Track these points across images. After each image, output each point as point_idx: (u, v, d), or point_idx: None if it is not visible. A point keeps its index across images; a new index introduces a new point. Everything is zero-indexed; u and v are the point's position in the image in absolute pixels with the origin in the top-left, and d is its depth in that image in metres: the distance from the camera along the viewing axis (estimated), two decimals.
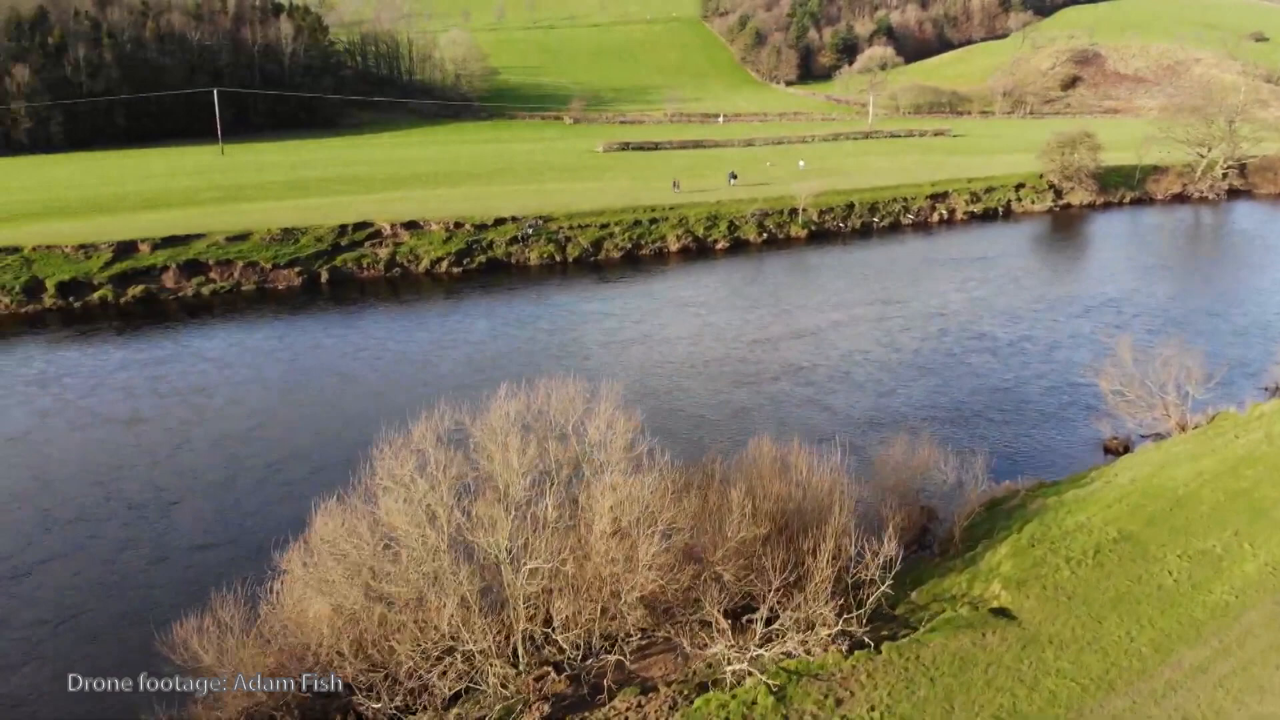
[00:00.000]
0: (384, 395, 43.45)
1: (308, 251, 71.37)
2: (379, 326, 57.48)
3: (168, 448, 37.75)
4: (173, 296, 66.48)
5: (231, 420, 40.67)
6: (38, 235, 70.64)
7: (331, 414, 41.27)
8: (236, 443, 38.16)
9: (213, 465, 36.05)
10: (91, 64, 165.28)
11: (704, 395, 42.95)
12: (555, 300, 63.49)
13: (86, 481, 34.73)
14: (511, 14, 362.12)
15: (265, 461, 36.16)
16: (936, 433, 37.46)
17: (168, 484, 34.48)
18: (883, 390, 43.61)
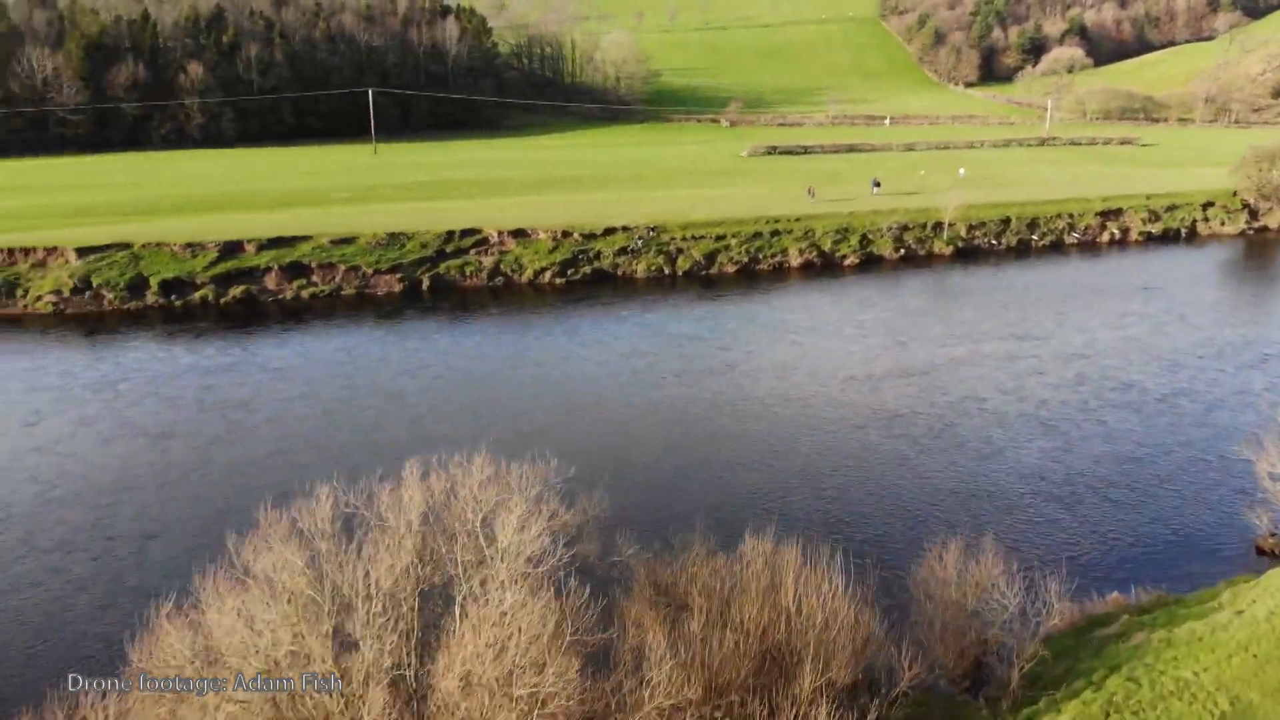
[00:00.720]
0: (420, 423, 40.00)
1: (411, 257, 69.48)
2: (452, 341, 54.42)
3: (180, 470, 35.43)
4: (272, 298, 65.83)
5: (258, 442, 38.13)
6: (157, 232, 71.69)
7: (358, 444, 38.04)
8: (253, 470, 35.47)
9: (213, 496, 33.37)
10: (263, 62, 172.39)
11: (761, 449, 37.20)
12: (647, 318, 58.86)
13: (81, 505, 32.68)
14: (684, 15, 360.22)
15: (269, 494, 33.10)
16: (1037, 514, 30.69)
17: (159, 515, 31.96)
18: (988, 450, 36.73)
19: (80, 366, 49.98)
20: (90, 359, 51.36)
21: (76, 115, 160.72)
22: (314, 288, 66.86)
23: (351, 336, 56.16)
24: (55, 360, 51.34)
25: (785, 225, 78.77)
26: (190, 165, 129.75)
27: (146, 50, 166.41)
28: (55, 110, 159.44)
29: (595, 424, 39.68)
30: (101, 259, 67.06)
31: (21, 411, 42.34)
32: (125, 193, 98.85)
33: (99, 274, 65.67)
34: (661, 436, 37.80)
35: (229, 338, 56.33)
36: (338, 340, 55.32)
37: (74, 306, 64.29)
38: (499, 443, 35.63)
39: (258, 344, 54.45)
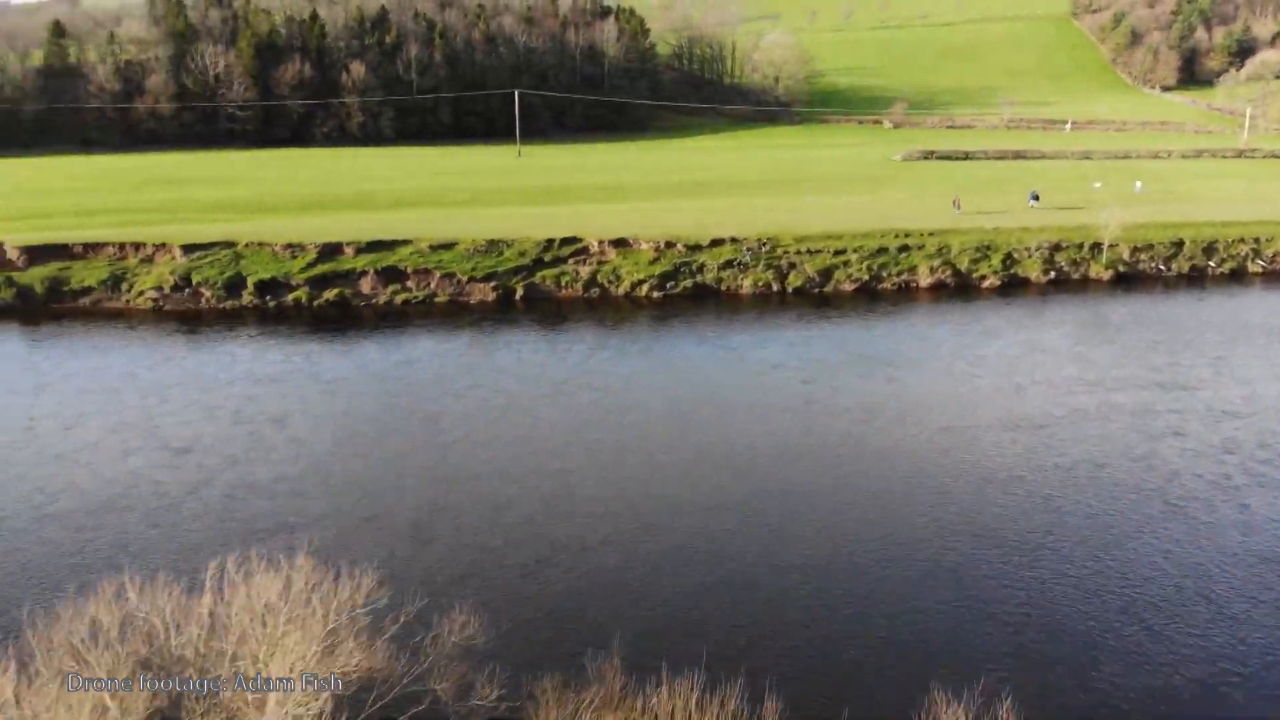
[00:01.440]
0: (443, 456, 36.52)
1: (508, 265, 66.76)
2: (515, 358, 50.81)
3: (177, 494, 33.21)
4: (366, 303, 64.47)
5: (270, 465, 35.59)
6: (274, 230, 71.81)
7: (369, 479, 34.87)
8: (249, 496, 32.87)
9: (190, 530, 30.84)
10: (422, 63, 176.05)
11: (790, 524, 31.66)
12: (732, 340, 53.69)
13: (61, 525, 30.83)
14: (860, 14, 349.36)
15: (239, 533, 30.37)
16: (1128, 638, 24.14)
17: (128, 545, 29.64)
18: (1095, 546, 29.72)
19: (149, 364, 49.47)
20: (156, 359, 50.83)
21: (245, 111, 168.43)
22: (408, 294, 65.08)
23: (419, 348, 53.62)
24: (123, 358, 51.12)
25: (917, 239, 71.68)
26: (335, 163, 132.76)
27: (313, 50, 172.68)
28: (225, 106, 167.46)
29: (620, 470, 35.15)
30: (204, 257, 67.47)
31: (67, 414, 41.65)
32: (266, 188, 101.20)
33: (199, 272, 66.02)
34: (675, 497, 32.77)
35: (302, 342, 54.91)
36: (405, 351, 52.88)
37: (173, 303, 64.80)
38: (515, 486, 32.31)
39: (325, 351, 52.67)
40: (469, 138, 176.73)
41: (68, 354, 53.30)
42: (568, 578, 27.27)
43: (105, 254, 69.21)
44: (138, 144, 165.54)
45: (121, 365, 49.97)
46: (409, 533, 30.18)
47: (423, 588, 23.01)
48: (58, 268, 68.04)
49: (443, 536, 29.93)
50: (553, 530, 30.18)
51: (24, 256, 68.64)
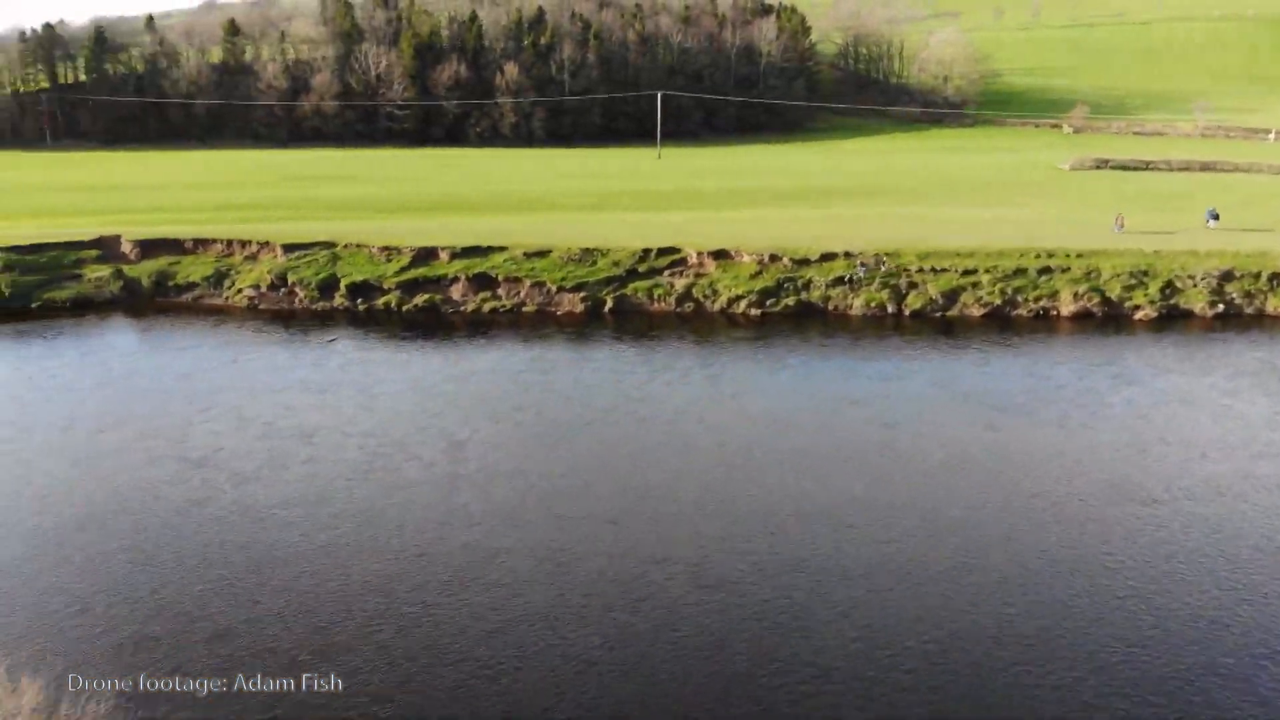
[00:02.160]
0: (447, 497, 33.13)
1: (600, 275, 63.27)
2: (573, 379, 46.97)
3: (178, 505, 31.18)
4: (455, 310, 62.38)
5: (267, 486, 33.18)
6: (394, 231, 71.03)
7: (335, 527, 31.89)
8: (208, 534, 30.48)
9: (130, 575, 28.59)
10: (575, 63, 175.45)
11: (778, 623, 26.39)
12: (815, 368, 48.21)
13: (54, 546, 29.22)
14: (1049, 11, 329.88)
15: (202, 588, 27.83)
16: None
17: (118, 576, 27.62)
18: (1211, 669, 23.45)
19: (213, 364, 48.62)
20: (224, 357, 50.01)
21: (403, 111, 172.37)
22: (497, 302, 62.56)
23: (480, 360, 50.66)
24: (191, 359, 50.52)
25: (1061, 260, 63.60)
26: (476, 164, 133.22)
27: (470, 50, 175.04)
28: (384, 105, 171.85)
29: (628, 524, 30.81)
30: (303, 257, 67.11)
31: (106, 415, 40.83)
32: (402, 188, 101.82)
33: (295, 272, 65.62)
34: (666, 570, 28.17)
35: (372, 349, 53.09)
36: (466, 364, 50.00)
37: (268, 302, 64.63)
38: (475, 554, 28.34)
39: (387, 361, 50.55)
40: (618, 139, 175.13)
41: (146, 349, 53.37)
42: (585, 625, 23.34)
43: (214, 250, 70.03)
44: (303, 140, 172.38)
45: (183, 364, 49.42)
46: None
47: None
48: (167, 262, 69.24)
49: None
50: (556, 591, 26.28)
51: (136, 250, 70.23)
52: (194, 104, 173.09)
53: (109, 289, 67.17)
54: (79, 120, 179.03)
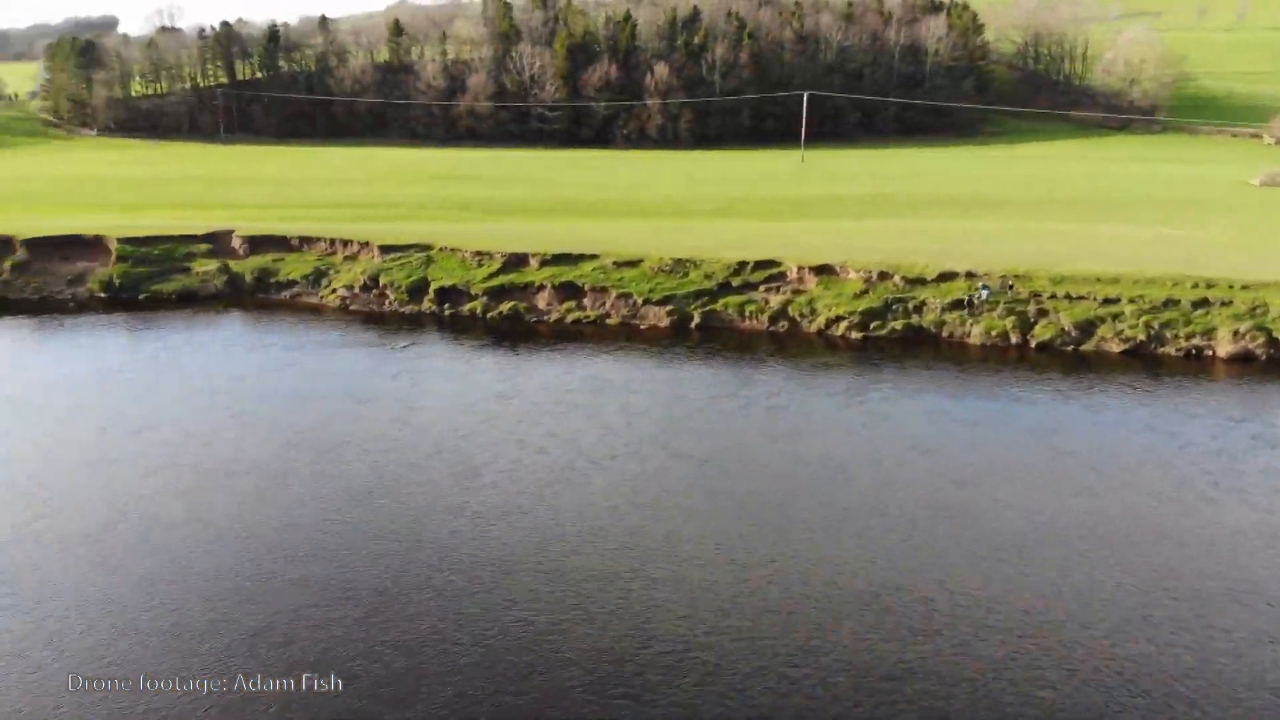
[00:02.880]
0: (416, 547, 29.90)
1: (689, 289, 59.07)
2: (625, 401, 42.97)
3: (179, 514, 29.33)
4: (538, 319, 59.59)
5: (269, 507, 30.87)
6: (474, 235, 69.42)
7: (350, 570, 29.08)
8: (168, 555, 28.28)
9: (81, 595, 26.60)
10: (726, 63, 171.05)
11: None
12: (905, 409, 41.97)
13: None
14: (1255, 12, 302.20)
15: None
16: None
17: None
18: None
19: (276, 359, 47.39)
20: (285, 359, 48.78)
21: (554, 112, 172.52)
22: (581, 312, 59.41)
23: (532, 374, 47.26)
24: (260, 359, 49.54)
25: (1223, 292, 54.81)
26: (613, 165, 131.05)
27: (622, 51, 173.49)
28: (535, 106, 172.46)
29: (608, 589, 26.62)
30: (397, 259, 65.94)
31: (139, 415, 39.94)
32: (530, 190, 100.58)
33: (388, 273, 64.49)
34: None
35: (435, 356, 50.78)
36: (520, 379, 46.71)
37: (359, 303, 63.76)
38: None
39: (441, 370, 48.05)
40: (766, 141, 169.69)
41: (221, 346, 52.96)
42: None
43: (317, 249, 69.94)
44: (458, 140, 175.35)
45: (239, 365, 48.50)
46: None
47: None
48: (272, 259, 69.62)
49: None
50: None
51: (245, 245, 70.98)
52: (357, 102, 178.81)
53: (214, 283, 68.06)
54: (253, 116, 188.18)
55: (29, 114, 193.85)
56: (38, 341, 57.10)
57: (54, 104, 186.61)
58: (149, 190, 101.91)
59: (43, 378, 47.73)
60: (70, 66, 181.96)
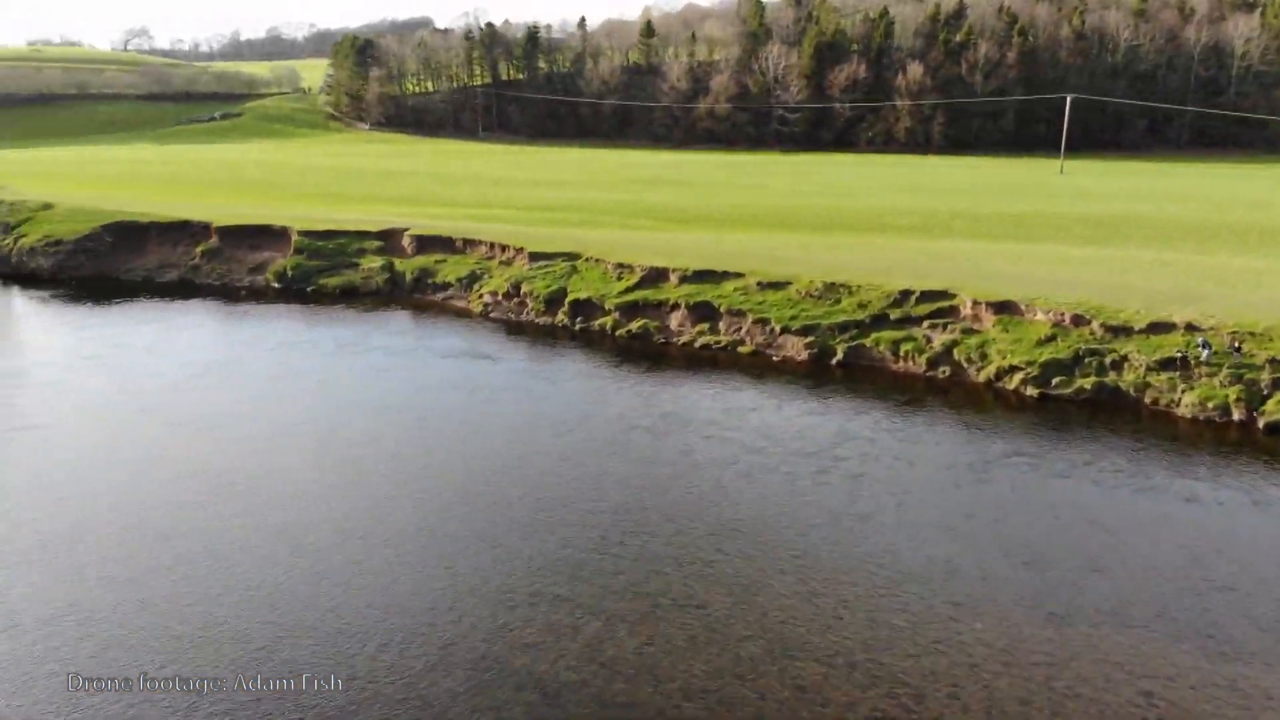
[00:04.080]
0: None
1: (836, 318, 51.20)
2: (685, 443, 36.29)
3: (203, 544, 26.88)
4: (666, 341, 54.08)
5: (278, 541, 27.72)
6: (623, 245, 64.91)
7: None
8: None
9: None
10: (990, 62, 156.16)
11: None
12: (1099, 511, 32.75)
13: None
14: None
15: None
16: None
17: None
18: None
19: (372, 367, 45.05)
20: (389, 361, 46.27)
21: (794, 114, 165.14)
22: (713, 336, 53.25)
23: (620, 393, 41.63)
24: (362, 359, 47.37)
25: None
26: (844, 172, 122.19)
27: (874, 49, 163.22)
28: (776, 107, 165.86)
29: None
30: (543, 266, 62.56)
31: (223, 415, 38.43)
32: (742, 198, 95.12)
33: (530, 282, 61.19)
34: None
35: (525, 370, 46.43)
36: (612, 407, 41.34)
37: (500, 310, 60.99)
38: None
39: (514, 387, 43.55)
40: (1032, 148, 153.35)
41: (346, 347, 51.57)
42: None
43: (478, 252, 68.06)
44: (696, 143, 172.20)
45: (345, 365, 46.52)
46: None
47: None
48: (434, 260, 68.51)
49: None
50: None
51: (414, 244, 70.42)
52: (602, 104, 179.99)
53: (375, 281, 67.97)
54: (510, 115, 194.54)
55: (315, 107, 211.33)
56: (181, 327, 58.39)
57: (335, 99, 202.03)
58: (378, 183, 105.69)
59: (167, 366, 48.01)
60: (349, 64, 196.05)
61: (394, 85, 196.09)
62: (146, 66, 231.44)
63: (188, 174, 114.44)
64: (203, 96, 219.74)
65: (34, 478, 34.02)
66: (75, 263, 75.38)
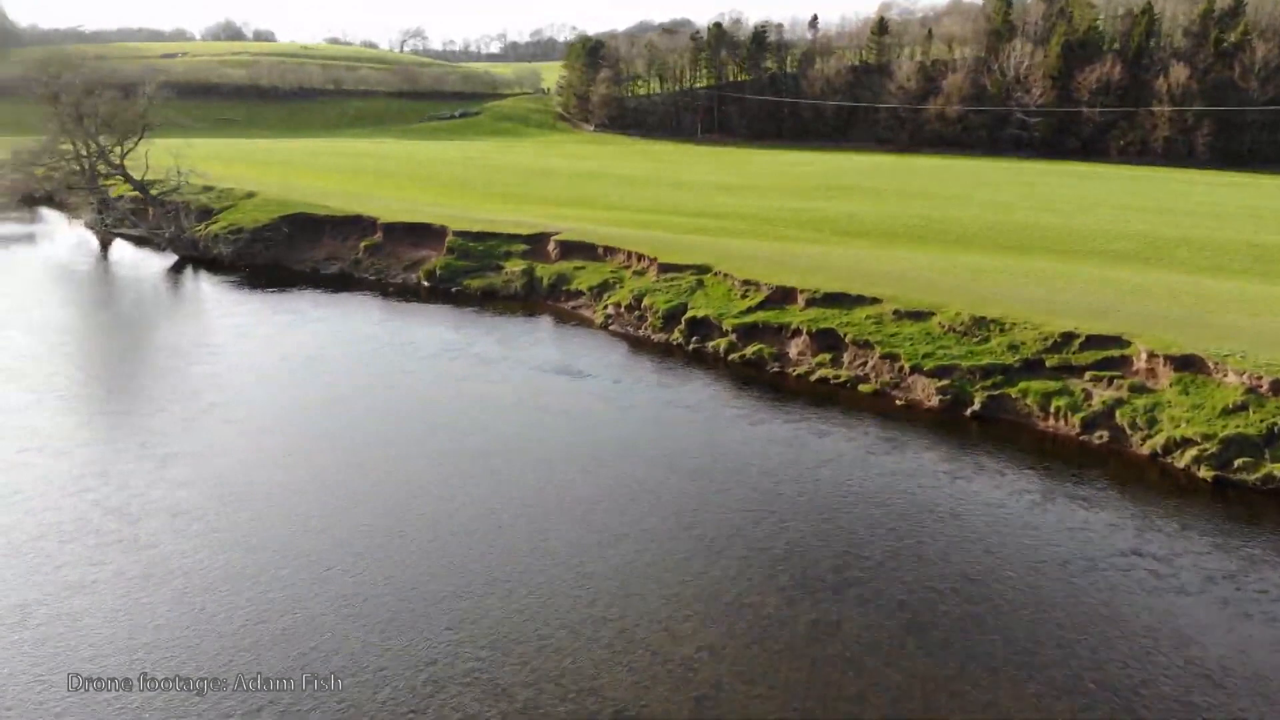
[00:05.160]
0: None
1: (980, 360, 43.23)
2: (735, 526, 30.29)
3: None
4: (780, 370, 48.03)
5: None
6: (756, 260, 58.99)
7: None
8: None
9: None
10: (1268, 67, 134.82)
11: None
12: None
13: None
14: None
15: None
16: None
17: None
18: None
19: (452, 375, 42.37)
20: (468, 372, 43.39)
21: (1034, 118, 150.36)
22: (833, 370, 46.66)
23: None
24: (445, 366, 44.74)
25: None
26: (1075, 186, 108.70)
27: (1132, 49, 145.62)
28: (1014, 111, 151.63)
29: None
30: (670, 279, 57.88)
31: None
32: (923, 207, 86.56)
33: (654, 295, 56.69)
34: None
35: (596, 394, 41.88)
36: (688, 460, 36.11)
37: (619, 323, 57.00)
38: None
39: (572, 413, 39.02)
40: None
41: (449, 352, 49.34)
42: None
43: (616, 260, 64.35)
44: (922, 146, 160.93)
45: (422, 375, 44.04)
46: None
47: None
48: (574, 266, 65.48)
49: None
50: None
51: (558, 250, 67.70)
52: (824, 105, 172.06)
53: (515, 285, 65.92)
54: (730, 117, 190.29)
55: (549, 108, 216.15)
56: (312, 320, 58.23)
57: (565, 100, 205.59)
58: (563, 185, 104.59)
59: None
60: (580, 65, 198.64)
61: (619, 87, 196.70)
62: (398, 65, 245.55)
63: (400, 169, 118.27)
64: (448, 95, 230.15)
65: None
66: (253, 251, 78.18)
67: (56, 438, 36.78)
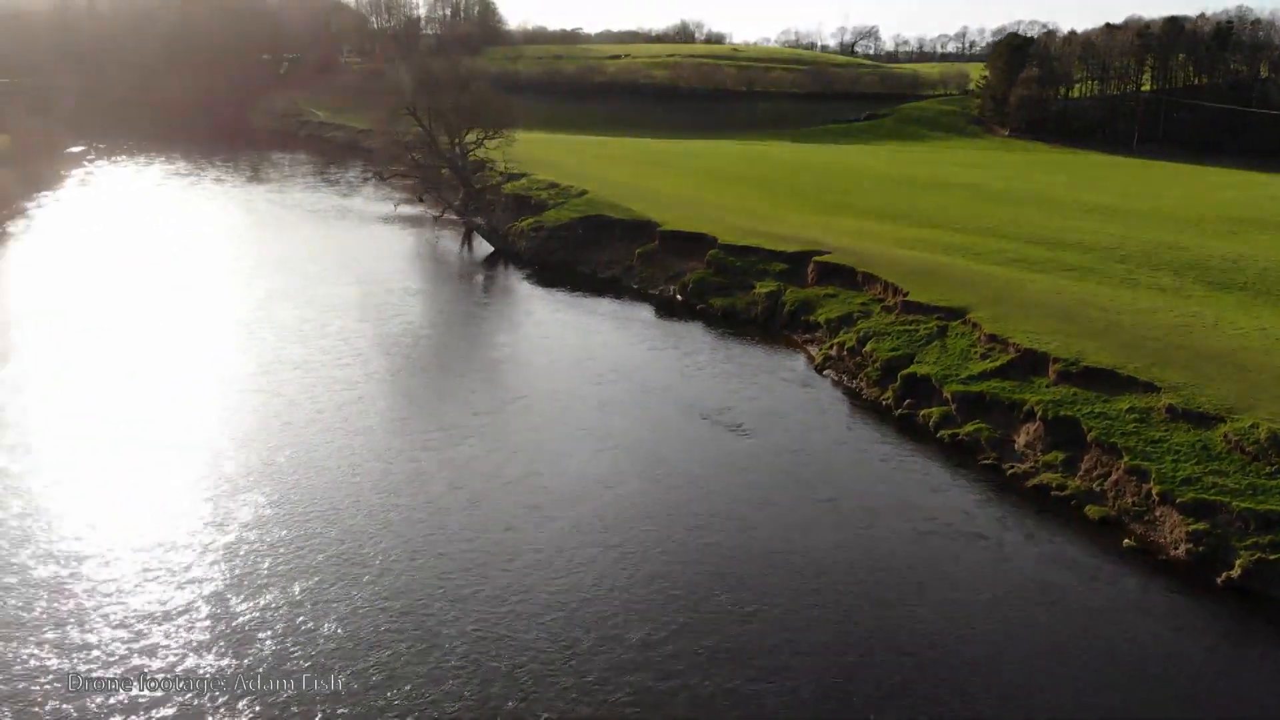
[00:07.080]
0: None
1: (1261, 503, 28.18)
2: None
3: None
4: (993, 463, 35.58)
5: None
6: (1019, 312, 45.02)
7: None
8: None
9: None
10: None
11: None
12: None
13: None
14: None
15: None
16: None
17: None
18: None
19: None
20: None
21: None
22: (1058, 475, 33.50)
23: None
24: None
25: None
26: None
27: None
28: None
29: None
30: (911, 321, 46.59)
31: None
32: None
33: (881, 340, 45.74)
34: None
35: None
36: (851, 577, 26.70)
37: (833, 369, 47.16)
38: None
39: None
40: None
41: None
42: None
43: (871, 291, 53.55)
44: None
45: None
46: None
47: None
48: (824, 293, 55.71)
49: None
50: None
51: (815, 272, 58.27)
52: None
53: (756, 308, 57.92)
54: (1178, 126, 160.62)
55: (964, 110, 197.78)
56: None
57: (983, 102, 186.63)
58: (904, 195, 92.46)
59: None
60: (1001, 64, 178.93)
61: (1043, 88, 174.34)
62: (811, 66, 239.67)
63: (750, 172, 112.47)
64: (862, 96, 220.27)
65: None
66: (547, 249, 76.84)
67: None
